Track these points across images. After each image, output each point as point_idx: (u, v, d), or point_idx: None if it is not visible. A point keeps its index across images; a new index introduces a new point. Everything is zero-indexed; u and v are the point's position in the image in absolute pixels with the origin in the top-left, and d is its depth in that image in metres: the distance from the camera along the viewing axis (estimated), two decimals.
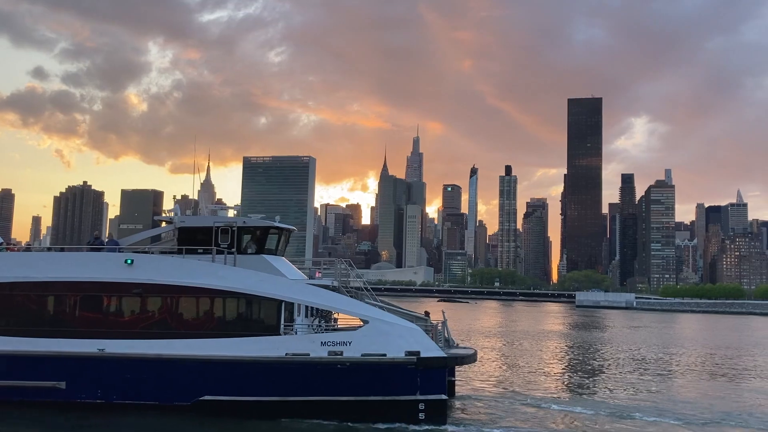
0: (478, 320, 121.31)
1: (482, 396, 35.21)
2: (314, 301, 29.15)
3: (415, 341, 27.40)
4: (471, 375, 42.30)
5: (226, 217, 31.78)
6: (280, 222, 32.25)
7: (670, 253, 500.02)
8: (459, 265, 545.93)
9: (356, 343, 27.24)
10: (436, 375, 27.34)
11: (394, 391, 27.08)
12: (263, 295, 28.40)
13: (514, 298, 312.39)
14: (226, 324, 28.64)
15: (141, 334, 28.33)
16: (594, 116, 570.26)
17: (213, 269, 28.97)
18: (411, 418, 26.89)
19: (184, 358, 27.64)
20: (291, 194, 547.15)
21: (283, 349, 27.41)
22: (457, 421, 28.30)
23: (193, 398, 27.70)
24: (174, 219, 31.60)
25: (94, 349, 28.02)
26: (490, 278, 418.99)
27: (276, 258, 31.01)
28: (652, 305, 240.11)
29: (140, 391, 27.92)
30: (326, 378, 27.12)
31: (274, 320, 28.41)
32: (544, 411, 31.77)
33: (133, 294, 28.72)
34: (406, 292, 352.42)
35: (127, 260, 29.07)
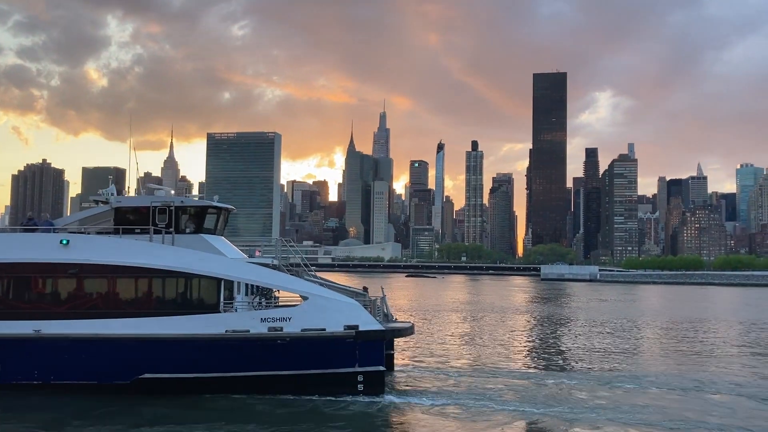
0: (443, 295, 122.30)
1: (421, 368, 36.02)
2: (253, 279, 29.57)
3: (354, 316, 28.20)
4: (413, 348, 43.40)
5: (163, 196, 31.66)
6: (218, 201, 32.51)
7: (633, 225, 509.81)
8: (426, 240, 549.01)
9: (296, 319, 27.87)
10: (374, 348, 28.20)
11: (334, 364, 27.89)
12: (202, 273, 28.62)
13: (480, 273, 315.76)
14: (165, 303, 28.73)
15: (78, 315, 28.22)
16: (559, 91, 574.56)
17: (151, 249, 29.02)
18: (350, 390, 27.77)
19: (123, 337, 27.71)
20: (257, 171, 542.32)
21: (223, 326, 27.74)
22: (394, 392, 29.21)
23: (133, 376, 27.83)
24: (110, 199, 31.38)
25: (29, 331, 27.86)
26: (457, 253, 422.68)
27: (214, 237, 31.15)
28: (616, 277, 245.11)
29: (79, 371, 27.88)
30: (267, 353, 27.67)
31: (213, 298, 28.67)
32: (481, 381, 32.61)
33: (70, 274, 28.59)
34: (375, 268, 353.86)
35: (62, 240, 28.88)
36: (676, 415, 26.43)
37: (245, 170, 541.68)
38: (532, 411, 26.68)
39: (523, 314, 78.71)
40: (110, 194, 31.80)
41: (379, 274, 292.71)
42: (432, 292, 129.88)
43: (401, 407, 27.04)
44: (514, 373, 35.29)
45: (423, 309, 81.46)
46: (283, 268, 30.62)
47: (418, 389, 30.32)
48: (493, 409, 26.69)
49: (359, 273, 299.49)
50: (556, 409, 27.06)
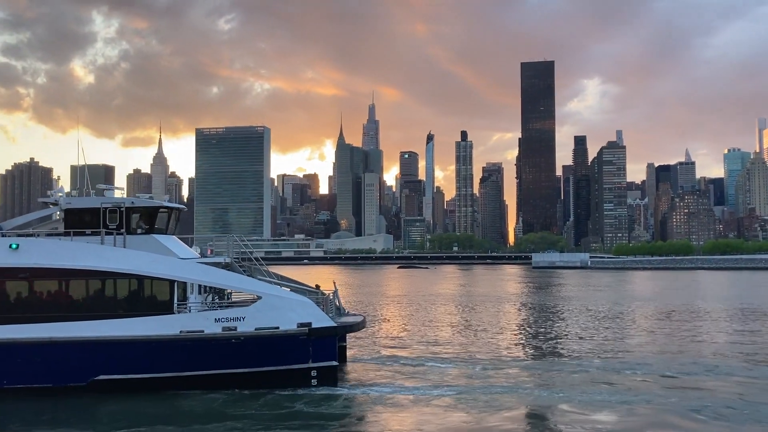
0: (434, 286, 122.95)
1: (374, 359, 36.83)
2: (206, 280, 29.90)
3: (307, 313, 28.86)
4: (371, 340, 44.48)
5: (113, 197, 31.58)
6: (168, 201, 32.72)
7: (623, 212, 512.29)
8: (418, 231, 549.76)
9: (250, 318, 28.42)
10: (326, 343, 29.03)
11: (288, 361, 28.66)
12: (154, 275, 28.92)
13: (472, 262, 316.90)
14: (118, 305, 28.95)
15: (30, 319, 28.24)
16: (546, 79, 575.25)
17: (102, 251, 29.17)
18: (305, 384, 28.65)
19: (77, 340, 27.93)
20: (246, 165, 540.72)
21: (178, 327, 28.17)
22: (347, 384, 30.07)
23: (89, 378, 28.11)
24: (59, 200, 31.35)
25: None
26: (448, 243, 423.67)
27: (166, 237, 31.33)
28: (606, 264, 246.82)
29: (33, 375, 28.07)
30: (222, 352, 28.18)
31: (166, 299, 29.00)
32: (436, 370, 33.44)
33: (20, 278, 28.64)
34: (367, 260, 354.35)
35: (11, 245, 28.95)
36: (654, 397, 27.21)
37: (235, 165, 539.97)
38: (481, 396, 27.58)
39: (512, 303, 79.51)
40: (60, 195, 31.73)
41: (372, 266, 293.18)
42: (423, 283, 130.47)
43: (353, 398, 27.96)
44: (482, 361, 36.21)
45: (409, 300, 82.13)
46: (236, 266, 31.01)
47: (369, 380, 31.17)
48: (448, 396, 27.73)
49: (351, 265, 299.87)
50: (515, 392, 28.38)
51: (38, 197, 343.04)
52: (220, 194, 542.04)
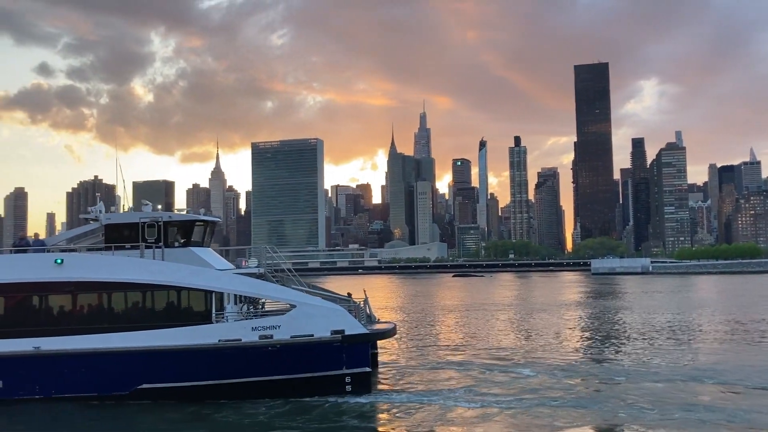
0: (490, 293, 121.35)
1: (411, 367, 37.07)
2: (242, 290, 30.63)
3: (340, 320, 29.43)
4: (412, 347, 44.52)
5: (151, 212, 32.51)
6: (204, 215, 33.81)
7: (684, 215, 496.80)
8: (472, 239, 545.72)
9: (285, 326, 29.14)
10: (359, 350, 29.55)
11: (323, 368, 29.24)
12: (193, 286, 29.74)
13: (529, 269, 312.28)
14: (159, 316, 29.71)
15: (76, 330, 29.16)
16: (601, 81, 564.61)
17: (143, 264, 30.04)
18: (339, 391, 29.10)
19: (120, 350, 28.80)
20: (301, 177, 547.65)
21: (216, 336, 28.91)
22: (380, 390, 30.59)
23: (131, 387, 28.91)
24: (100, 216, 32.31)
25: (30, 348, 28.87)
26: (504, 250, 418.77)
27: (202, 249, 32.15)
28: (668, 269, 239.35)
29: (79, 385, 28.87)
30: (259, 360, 28.91)
31: (205, 310, 29.76)
32: (477, 378, 33.25)
33: (65, 292, 29.60)
34: (421, 269, 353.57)
35: (57, 260, 29.96)
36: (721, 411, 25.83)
37: (289, 177, 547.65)
38: (523, 407, 27.03)
39: (570, 310, 77.43)
40: (99, 211, 32.72)
41: (426, 274, 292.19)
42: (478, 291, 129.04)
43: (386, 404, 28.32)
44: (521, 368, 35.65)
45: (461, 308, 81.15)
46: (269, 277, 31.69)
47: (403, 387, 31.42)
48: (483, 406, 27.38)
49: (405, 274, 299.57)
50: (556, 404, 27.41)
51: None
52: (276, 206, 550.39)
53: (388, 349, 43.69)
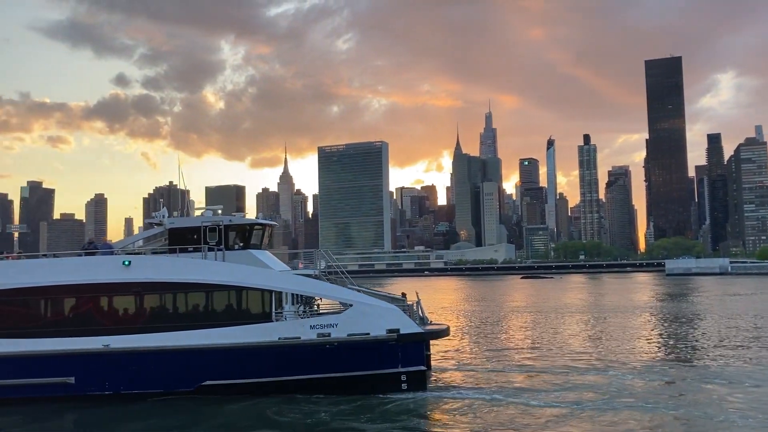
0: (558, 295, 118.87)
1: (468, 367, 37.29)
2: (301, 289, 31.51)
3: (395, 320, 30.07)
4: (473, 348, 43.73)
5: (212, 216, 33.59)
6: (262, 218, 34.96)
7: (766, 213, 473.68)
8: (541, 240, 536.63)
9: (342, 325, 29.91)
10: (415, 349, 30.20)
11: (379, 366, 29.88)
12: (255, 286, 30.73)
13: (600, 271, 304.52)
14: (221, 315, 30.80)
15: (143, 329, 30.41)
16: (674, 76, 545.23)
17: (205, 266, 31.20)
18: (394, 389, 29.71)
19: (185, 348, 29.91)
20: (366, 180, 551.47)
21: (276, 334, 29.92)
22: (435, 389, 30.95)
23: (196, 384, 29.98)
24: (164, 221, 33.58)
25: (99, 346, 30.22)
26: (574, 251, 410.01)
27: (261, 252, 33.19)
28: (749, 269, 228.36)
29: (146, 381, 30.06)
30: (317, 357, 29.81)
31: (266, 309, 30.68)
32: (539, 379, 33.12)
33: (133, 292, 30.94)
34: (488, 270, 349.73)
35: (124, 262, 31.25)
36: None
37: (355, 180, 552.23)
38: (577, 408, 26.81)
39: (643, 312, 74.76)
40: (163, 216, 34.11)
41: (493, 276, 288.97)
42: (547, 293, 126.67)
43: (442, 402, 28.66)
44: (592, 372, 34.89)
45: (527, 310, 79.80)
46: (323, 278, 32.50)
47: (458, 385, 31.78)
48: (546, 406, 27.36)
49: (472, 276, 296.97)
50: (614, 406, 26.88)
51: None
52: (342, 209, 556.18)
53: (446, 350, 43.59)
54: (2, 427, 26.90)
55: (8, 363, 30.11)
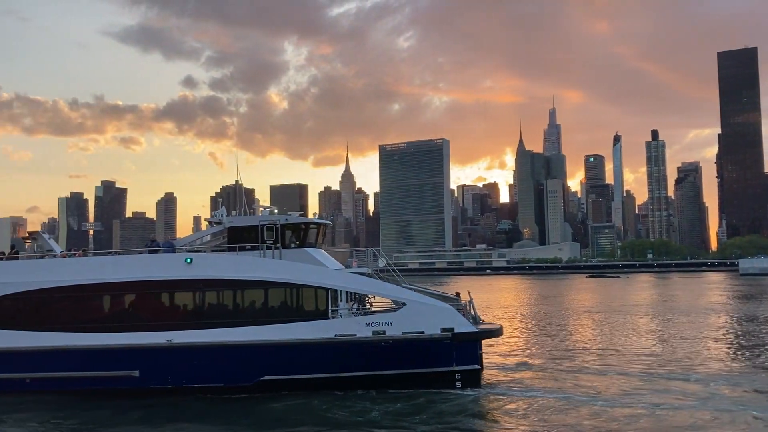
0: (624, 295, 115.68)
1: (517, 366, 37.35)
2: (356, 287, 32.02)
3: (449, 319, 30.40)
4: (530, 347, 43.16)
5: (269, 216, 34.27)
6: (317, 218, 35.19)
7: None
8: (607, 238, 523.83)
9: (397, 323, 30.25)
10: (469, 348, 30.55)
11: (433, 364, 30.20)
12: (311, 284, 31.29)
13: (669, 270, 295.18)
14: (280, 311, 31.41)
15: (204, 325, 31.13)
16: (749, 68, 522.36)
17: (264, 264, 31.84)
18: (449, 387, 29.97)
19: (246, 343, 30.51)
20: (427, 178, 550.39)
21: (332, 331, 30.41)
22: (489, 387, 31.07)
23: (255, 379, 30.50)
24: (223, 220, 34.30)
25: (163, 340, 31.01)
26: (641, 250, 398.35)
27: (316, 250, 33.76)
28: None
29: (207, 375, 30.78)
30: (372, 354, 30.18)
31: (323, 306, 31.13)
32: (599, 379, 32.85)
33: (195, 289, 31.77)
34: (552, 269, 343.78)
35: (186, 259, 32.06)
36: None
37: (416, 178, 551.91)
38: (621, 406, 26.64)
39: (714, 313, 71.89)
40: (222, 215, 34.84)
41: (557, 275, 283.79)
42: (612, 293, 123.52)
43: (497, 401, 28.80)
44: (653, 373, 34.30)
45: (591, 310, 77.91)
46: (375, 276, 32.84)
47: (509, 385, 31.74)
48: (598, 405, 27.23)
49: (536, 275, 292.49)
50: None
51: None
52: (403, 207, 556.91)
53: (502, 349, 43.41)
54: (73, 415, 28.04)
55: (77, 356, 31.43)
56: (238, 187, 40.72)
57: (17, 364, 31.71)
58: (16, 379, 31.72)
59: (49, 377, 31.44)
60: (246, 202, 36.25)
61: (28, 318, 32.26)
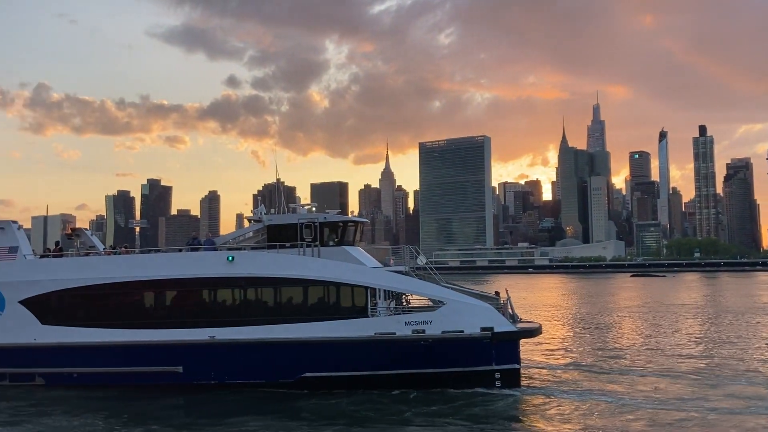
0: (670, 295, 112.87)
1: (560, 366, 37.00)
2: (396, 286, 32.04)
3: (488, 318, 30.34)
4: (568, 346, 42.07)
5: (308, 214, 34.52)
6: (355, 216, 34.85)
7: None
8: (652, 236, 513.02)
9: (436, 322, 30.19)
10: (509, 347, 30.42)
11: (473, 363, 30.14)
12: (351, 282, 31.36)
13: (717, 269, 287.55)
14: (320, 309, 31.53)
15: (246, 322, 31.46)
16: None
17: (304, 262, 32.04)
18: (488, 386, 29.88)
19: (287, 340, 30.80)
20: (467, 175, 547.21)
21: (372, 329, 30.47)
22: (529, 387, 30.86)
23: (296, 375, 30.76)
24: (263, 218, 34.49)
25: (206, 337, 31.40)
26: (688, 249, 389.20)
27: (354, 248, 33.77)
28: None
29: (249, 372, 31.07)
30: (411, 353, 30.18)
31: (362, 304, 31.19)
32: (634, 380, 32.43)
33: (237, 286, 32.13)
34: (595, 268, 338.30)
35: (228, 257, 32.31)
36: None
37: (457, 176, 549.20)
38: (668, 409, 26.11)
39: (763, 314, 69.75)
40: (261, 213, 35.07)
41: (601, 274, 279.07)
42: (658, 292, 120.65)
43: (537, 401, 28.54)
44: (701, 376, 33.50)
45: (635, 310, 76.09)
46: (412, 274, 32.69)
47: (549, 385, 31.46)
48: (637, 407, 26.70)
49: (579, 274, 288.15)
50: None
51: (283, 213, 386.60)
52: (443, 205, 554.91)
53: (541, 348, 43.02)
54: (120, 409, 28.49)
55: (123, 351, 32.02)
56: (277, 185, 40.95)
57: (65, 359, 32.46)
58: (63, 374, 32.46)
59: (96, 372, 32.14)
60: (285, 200, 36.48)
61: (74, 314, 32.94)
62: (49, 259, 35.12)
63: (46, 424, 26.47)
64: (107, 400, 30.03)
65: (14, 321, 33.04)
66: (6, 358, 32.91)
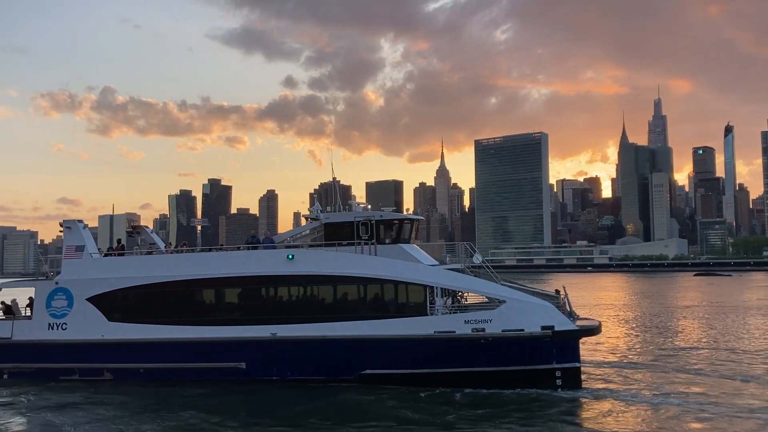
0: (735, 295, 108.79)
1: (613, 364, 36.60)
2: (455, 284, 32.09)
3: (549, 317, 29.99)
4: (628, 345, 41.17)
5: (364, 212, 34.58)
6: (410, 214, 35.55)
7: None
8: (717, 234, 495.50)
9: (496, 321, 30.05)
10: (569, 346, 30.09)
11: (533, 362, 29.89)
12: (410, 281, 31.38)
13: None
14: (380, 307, 31.77)
15: (306, 319, 31.79)
16: None
17: (363, 260, 32.17)
18: (549, 385, 29.49)
19: (348, 338, 31.00)
20: (524, 173, 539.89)
21: (432, 327, 30.44)
22: (591, 387, 30.30)
23: (357, 372, 31.02)
24: (320, 216, 34.80)
25: (267, 334, 31.90)
26: (756, 247, 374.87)
27: (410, 246, 33.63)
28: None
29: (310, 368, 31.51)
30: (471, 351, 30.10)
31: (421, 302, 31.20)
32: (697, 381, 31.83)
33: (297, 284, 32.66)
34: (657, 267, 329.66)
35: (288, 255, 32.77)
36: None
37: (513, 173, 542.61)
38: None
39: None
40: (319, 211, 35.48)
41: (663, 273, 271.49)
42: (723, 292, 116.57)
43: (599, 401, 28.00)
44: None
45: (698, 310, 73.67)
46: (468, 272, 32.50)
47: (614, 385, 31.04)
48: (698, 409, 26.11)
49: (640, 273, 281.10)
50: None
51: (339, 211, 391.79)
52: (499, 203, 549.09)
53: (602, 347, 42.60)
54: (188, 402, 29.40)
55: (188, 348, 33.11)
56: (334, 183, 41.48)
57: (132, 354, 33.77)
58: (130, 369, 33.78)
59: (161, 368, 33.26)
60: (341, 199, 36.89)
61: (140, 311, 34.15)
62: (115, 258, 36.35)
63: (115, 416, 27.51)
64: (172, 396, 30.76)
65: (82, 318, 34.45)
66: (75, 354, 34.28)
